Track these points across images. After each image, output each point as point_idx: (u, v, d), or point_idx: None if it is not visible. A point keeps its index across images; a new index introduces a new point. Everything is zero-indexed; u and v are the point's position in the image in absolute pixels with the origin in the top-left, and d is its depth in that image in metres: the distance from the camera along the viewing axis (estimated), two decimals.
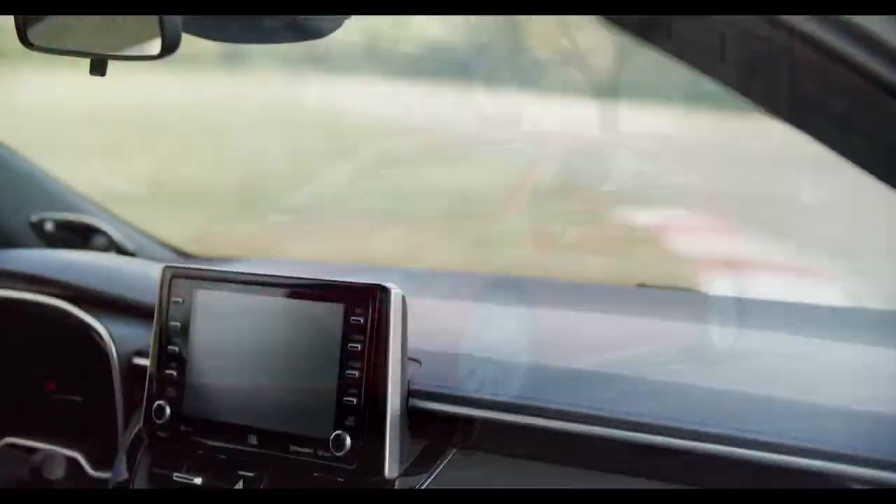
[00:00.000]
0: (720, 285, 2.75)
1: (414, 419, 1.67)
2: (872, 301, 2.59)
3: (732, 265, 2.89)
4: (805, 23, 0.95)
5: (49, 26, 1.30)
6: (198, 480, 1.81)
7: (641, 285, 2.48)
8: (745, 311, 2.22)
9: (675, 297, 2.41)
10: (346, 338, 1.65)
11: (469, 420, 1.64)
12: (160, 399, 1.83)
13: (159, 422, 1.83)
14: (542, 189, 3.13)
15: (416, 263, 3.12)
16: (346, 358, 1.65)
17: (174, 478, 1.84)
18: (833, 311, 2.34)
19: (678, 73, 1.07)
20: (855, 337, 1.90)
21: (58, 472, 1.88)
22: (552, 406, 1.55)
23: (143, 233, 2.82)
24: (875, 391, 1.49)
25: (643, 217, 3.13)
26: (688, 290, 2.61)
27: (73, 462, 2.08)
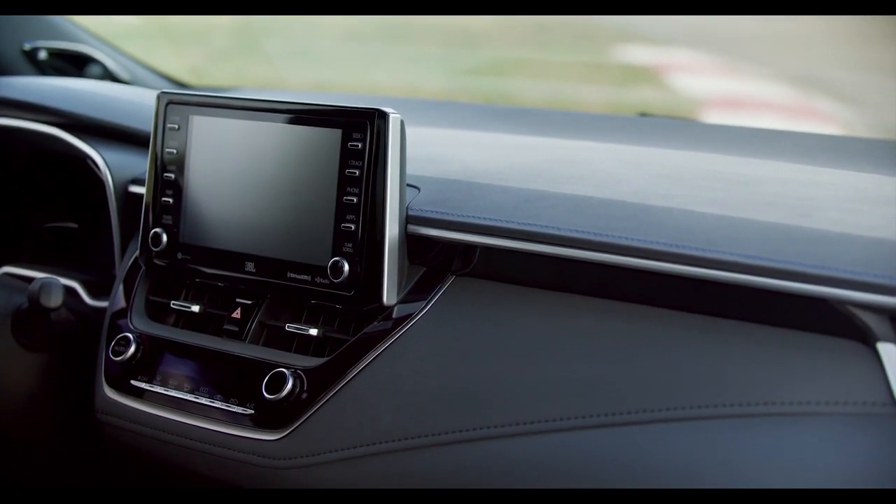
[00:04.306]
0: (721, 117, 2.74)
1: (412, 246, 1.66)
2: (868, 131, 2.58)
3: (733, 103, 2.87)
4: None
5: None
6: (195, 308, 1.82)
7: (643, 114, 2.46)
8: (746, 138, 2.21)
9: (677, 125, 2.40)
10: (343, 163, 1.63)
11: (468, 246, 1.63)
12: (157, 227, 1.82)
13: (156, 250, 1.82)
14: (545, 21, 3.08)
15: (415, 93, 3.10)
16: (344, 184, 1.63)
17: (171, 305, 1.85)
18: (831, 139, 2.33)
19: None
20: (853, 164, 1.89)
21: (55, 301, 1.88)
22: (551, 232, 1.53)
23: (138, 62, 2.79)
24: (873, 217, 1.47)
25: (646, 53, 3.09)
26: (690, 119, 2.60)
27: (71, 291, 2.08)
